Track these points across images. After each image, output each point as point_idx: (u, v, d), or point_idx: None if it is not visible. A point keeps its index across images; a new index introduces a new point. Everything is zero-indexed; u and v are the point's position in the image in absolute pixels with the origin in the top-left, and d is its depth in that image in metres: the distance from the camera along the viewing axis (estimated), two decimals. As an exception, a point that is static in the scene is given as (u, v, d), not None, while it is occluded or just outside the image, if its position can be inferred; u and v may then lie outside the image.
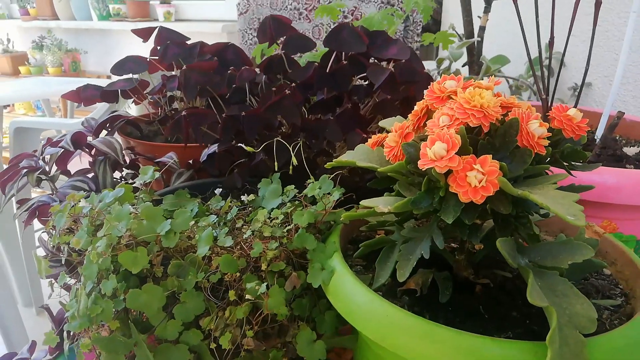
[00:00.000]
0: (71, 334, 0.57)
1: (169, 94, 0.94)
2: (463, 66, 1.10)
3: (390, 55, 0.76)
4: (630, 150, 0.73)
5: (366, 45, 0.72)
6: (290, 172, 0.60)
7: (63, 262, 0.58)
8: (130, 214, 0.50)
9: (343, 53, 0.76)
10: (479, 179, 0.35)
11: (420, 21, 1.61)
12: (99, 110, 1.65)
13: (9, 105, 3.52)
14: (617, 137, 0.82)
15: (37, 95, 2.47)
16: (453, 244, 0.53)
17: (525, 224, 0.40)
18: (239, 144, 0.67)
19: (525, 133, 0.37)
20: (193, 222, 0.51)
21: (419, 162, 0.37)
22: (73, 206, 0.53)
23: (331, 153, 0.68)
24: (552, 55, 1.13)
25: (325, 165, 0.50)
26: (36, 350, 0.67)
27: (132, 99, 0.93)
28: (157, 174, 0.60)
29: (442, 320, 0.44)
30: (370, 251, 0.50)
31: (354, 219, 0.47)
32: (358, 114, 0.69)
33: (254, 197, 0.61)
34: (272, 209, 0.54)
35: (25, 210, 0.75)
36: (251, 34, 2.03)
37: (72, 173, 0.77)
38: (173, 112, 0.95)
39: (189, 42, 0.94)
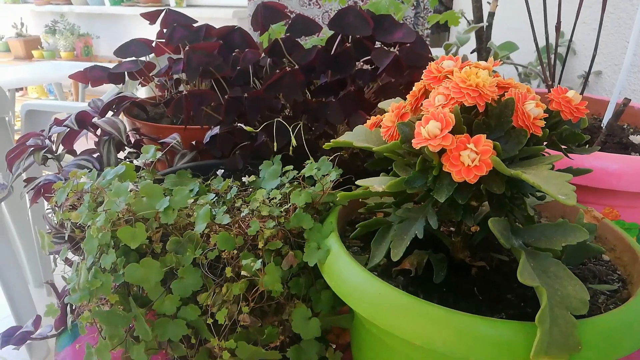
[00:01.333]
0: (74, 308, 0.58)
1: (175, 76, 0.94)
2: (472, 52, 1.09)
3: (396, 39, 0.76)
4: (636, 139, 0.72)
5: (371, 28, 0.71)
6: (290, 153, 0.60)
7: (66, 238, 0.59)
8: (131, 190, 0.51)
9: (349, 37, 0.75)
10: (472, 158, 0.35)
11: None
12: (109, 93, 1.66)
13: (22, 89, 3.56)
14: (625, 126, 0.81)
15: (49, 79, 2.49)
16: (452, 228, 0.54)
17: (520, 205, 0.40)
18: (240, 126, 0.68)
19: (521, 113, 0.37)
20: (192, 200, 0.52)
21: (413, 141, 0.37)
22: (76, 184, 0.54)
23: (333, 135, 0.68)
24: (562, 42, 1.11)
25: (323, 146, 0.51)
26: (42, 325, 0.69)
27: (139, 81, 0.93)
28: (159, 154, 0.60)
29: (436, 301, 0.44)
30: (368, 232, 0.50)
31: (351, 199, 0.47)
32: (361, 96, 0.69)
33: (254, 178, 0.61)
34: (271, 189, 0.54)
35: (32, 189, 0.76)
36: (261, 19, 2.02)
37: (78, 153, 0.78)
38: (178, 94, 0.96)
39: (195, 25, 0.95)
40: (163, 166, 0.79)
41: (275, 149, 0.60)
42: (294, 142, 0.59)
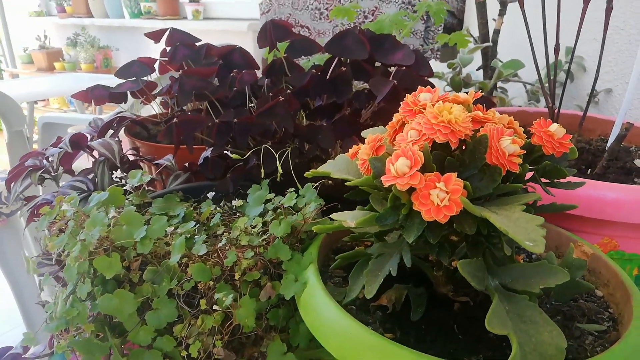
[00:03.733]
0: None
1: (176, 94, 0.95)
2: (477, 70, 1.07)
3: (396, 60, 0.75)
4: (642, 163, 0.70)
5: (368, 52, 0.70)
6: (278, 179, 0.60)
7: (53, 261, 0.59)
8: (113, 217, 0.50)
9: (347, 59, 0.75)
10: (441, 197, 0.34)
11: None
12: (124, 107, 1.68)
13: (44, 100, 3.65)
14: (632, 148, 0.78)
15: (68, 91, 2.54)
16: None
17: (496, 244, 0.38)
18: (232, 149, 0.67)
19: (495, 150, 0.36)
20: (172, 228, 0.51)
21: (382, 178, 0.36)
22: (61, 209, 0.54)
23: (325, 159, 0.67)
24: (573, 60, 1.09)
25: (305, 174, 0.50)
26: (38, 345, 0.69)
27: (141, 100, 0.94)
28: (147, 177, 0.60)
29: (413, 339, 0.43)
30: (350, 262, 0.49)
31: (327, 231, 0.46)
32: (356, 120, 0.68)
33: (242, 203, 0.60)
34: (254, 217, 0.53)
35: (31, 207, 0.77)
36: (273, 33, 2.03)
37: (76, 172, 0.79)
38: (179, 112, 0.96)
39: (198, 44, 0.95)
40: (160, 186, 0.80)
41: (262, 175, 0.60)
42: (279, 170, 0.58)
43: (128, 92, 0.93)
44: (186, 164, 0.74)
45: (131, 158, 0.80)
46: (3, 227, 1.68)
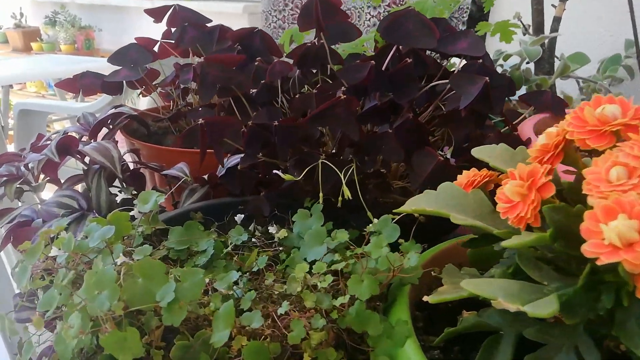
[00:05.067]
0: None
1: (182, 85, 0.80)
2: (528, 63, 0.94)
3: (459, 50, 0.61)
4: None
5: (437, 39, 0.56)
6: (339, 204, 0.45)
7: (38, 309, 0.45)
8: (121, 264, 0.36)
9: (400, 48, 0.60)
10: (699, 286, 0.21)
11: (467, 7, 1.44)
12: (102, 101, 1.51)
13: (20, 83, 3.41)
14: None
15: (48, 74, 2.35)
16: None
17: None
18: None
19: None
20: (207, 279, 0.37)
21: (583, 247, 0.22)
22: (48, 244, 0.39)
23: (385, 175, 0.54)
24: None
25: (392, 212, 0.36)
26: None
27: (139, 91, 0.79)
28: (161, 199, 0.46)
29: None
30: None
31: (447, 301, 0.32)
32: (421, 125, 0.54)
33: (286, 234, 0.46)
34: (314, 261, 0.39)
35: (6, 223, 0.62)
36: (275, 16, 1.87)
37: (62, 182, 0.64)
38: (187, 107, 0.81)
39: (209, 25, 0.80)
40: (168, 202, 0.65)
41: (321, 200, 0.45)
42: (347, 193, 0.44)
43: (124, 82, 0.78)
44: (204, 177, 0.59)
45: (131, 166, 0.65)
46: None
